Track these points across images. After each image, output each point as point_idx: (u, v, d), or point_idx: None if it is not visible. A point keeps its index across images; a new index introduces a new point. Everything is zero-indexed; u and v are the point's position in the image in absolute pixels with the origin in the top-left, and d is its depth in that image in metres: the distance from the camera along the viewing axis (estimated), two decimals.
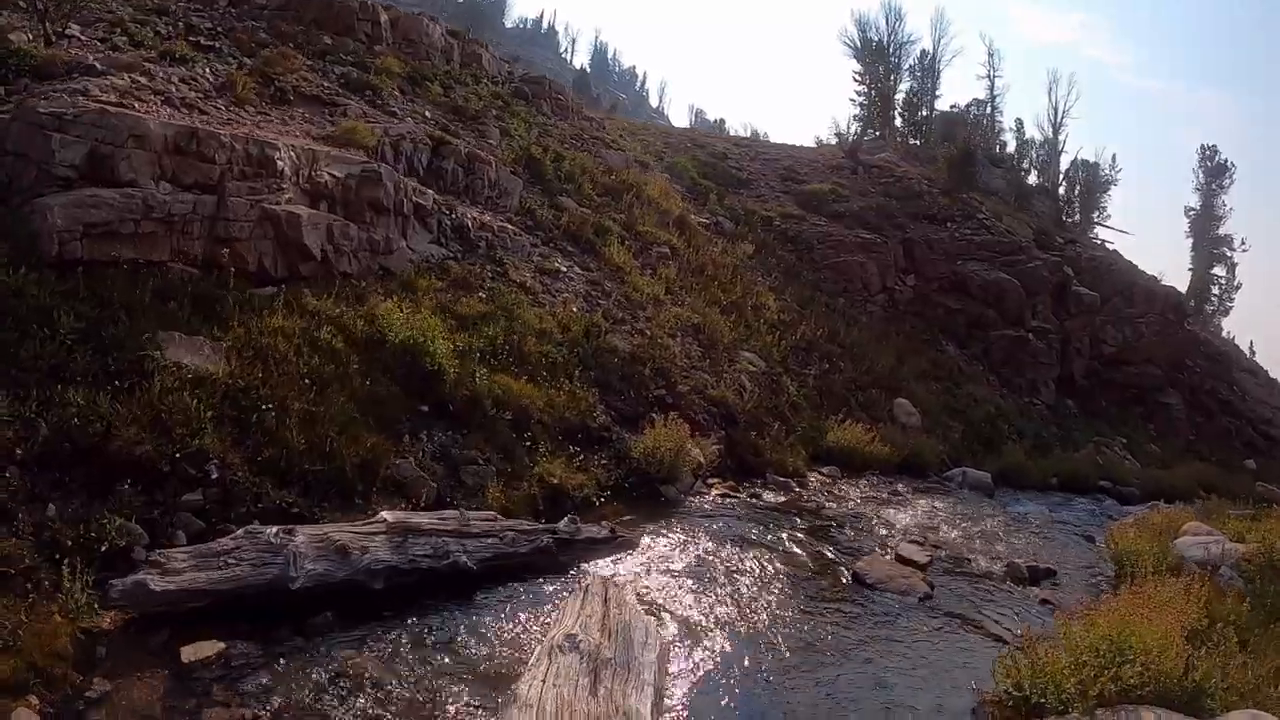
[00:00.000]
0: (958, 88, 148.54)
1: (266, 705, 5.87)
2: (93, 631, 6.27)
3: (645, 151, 31.59)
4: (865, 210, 32.97)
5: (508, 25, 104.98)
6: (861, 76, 53.49)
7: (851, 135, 49.63)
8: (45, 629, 5.98)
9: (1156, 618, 6.55)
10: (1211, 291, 58.96)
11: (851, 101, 54.16)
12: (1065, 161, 54.81)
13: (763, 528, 11.51)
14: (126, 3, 17.42)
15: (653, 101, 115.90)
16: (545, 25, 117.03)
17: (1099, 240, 47.40)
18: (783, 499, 13.67)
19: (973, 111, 57.28)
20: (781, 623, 8.35)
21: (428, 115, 19.11)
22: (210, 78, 14.61)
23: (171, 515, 7.88)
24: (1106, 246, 44.60)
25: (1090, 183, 56.19)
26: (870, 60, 52.92)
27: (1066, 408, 29.95)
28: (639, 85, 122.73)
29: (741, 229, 27.98)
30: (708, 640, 7.74)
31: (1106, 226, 52.60)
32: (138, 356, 8.77)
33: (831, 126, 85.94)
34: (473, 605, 7.71)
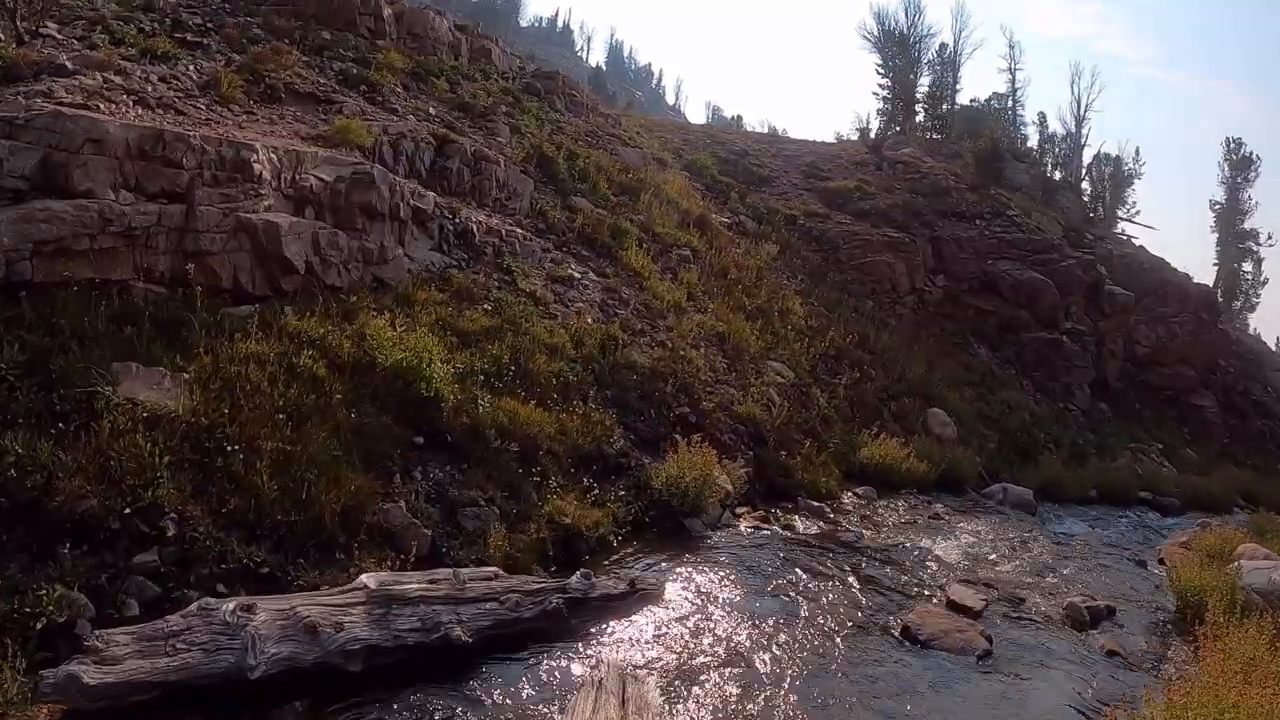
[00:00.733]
0: (976, 82, 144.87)
1: None
2: None
3: (663, 148, 30.29)
4: (892, 208, 31.51)
5: (523, 24, 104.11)
6: (884, 69, 51.85)
7: (874, 130, 48.07)
8: None
9: (1253, 693, 5.99)
10: (1240, 287, 56.93)
11: (874, 95, 52.32)
12: (1088, 156, 52.93)
13: (799, 568, 10.36)
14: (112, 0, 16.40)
15: (669, 99, 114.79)
16: (560, 24, 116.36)
17: (1125, 236, 45.73)
18: (817, 529, 12.55)
19: (993, 105, 55.53)
20: (829, 703, 7.12)
21: (432, 112, 17.93)
22: (194, 75, 13.50)
23: (122, 580, 6.92)
24: (1133, 242, 42.99)
25: (1115, 177, 54.31)
26: (891, 53, 51.22)
27: (1100, 412, 28.53)
28: (655, 82, 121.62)
29: (764, 228, 26.64)
30: None
31: (1132, 222, 50.88)
32: (86, 393, 7.68)
33: (854, 121, 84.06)
34: (465, 690, 6.49)
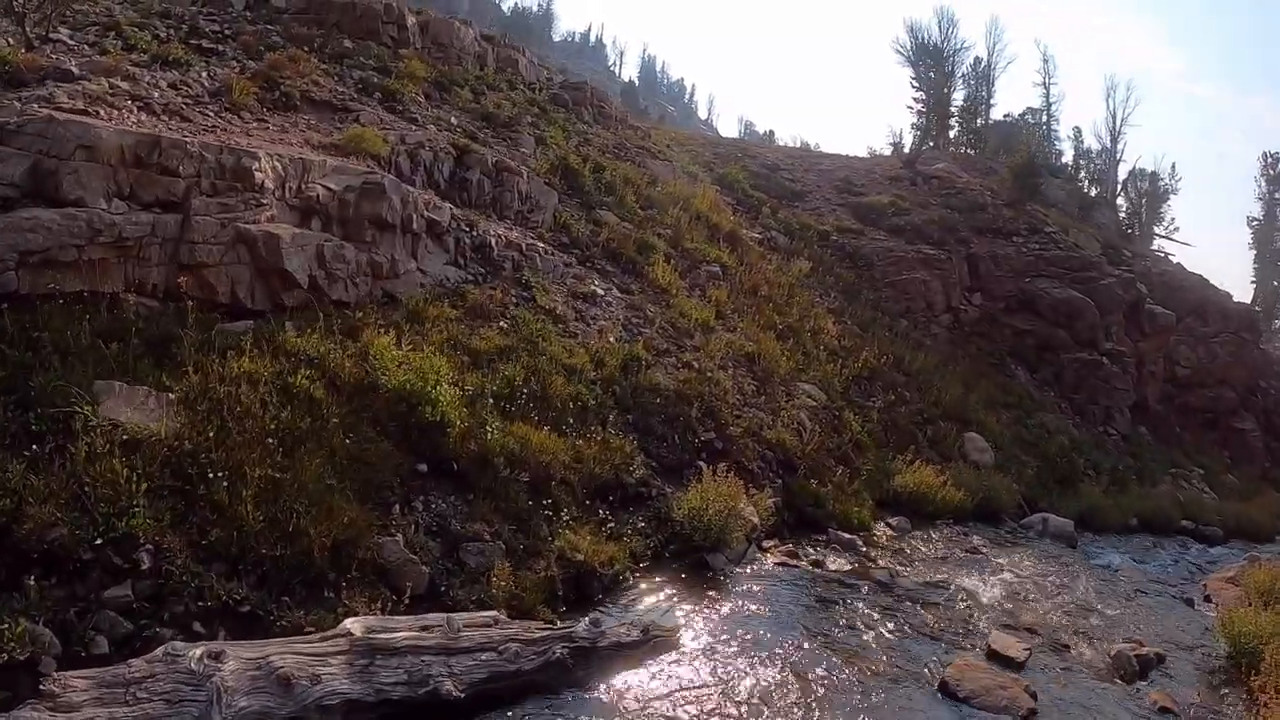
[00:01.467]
0: (1009, 97, 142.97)
1: None
2: None
3: (693, 162, 29.69)
4: (927, 224, 30.65)
5: (555, 39, 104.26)
6: (918, 83, 51.02)
7: (909, 144, 47.14)
8: None
9: None
10: (1278, 305, 55.32)
11: (909, 109, 51.48)
12: (1123, 171, 51.96)
13: (829, 612, 9.64)
14: (130, 6, 16.12)
15: (701, 114, 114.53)
16: (593, 39, 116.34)
17: (1162, 253, 44.52)
18: (849, 565, 11.77)
19: (1027, 120, 54.51)
20: None
21: (453, 122, 17.44)
22: (205, 82, 13.12)
23: (92, 615, 6.42)
24: (1170, 259, 41.74)
25: (1152, 193, 53.06)
26: (925, 65, 50.35)
27: (1140, 436, 27.53)
28: (687, 97, 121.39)
29: (796, 244, 25.88)
30: None
31: (1169, 239, 49.56)
32: (63, 413, 7.16)
33: (888, 135, 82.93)
34: None
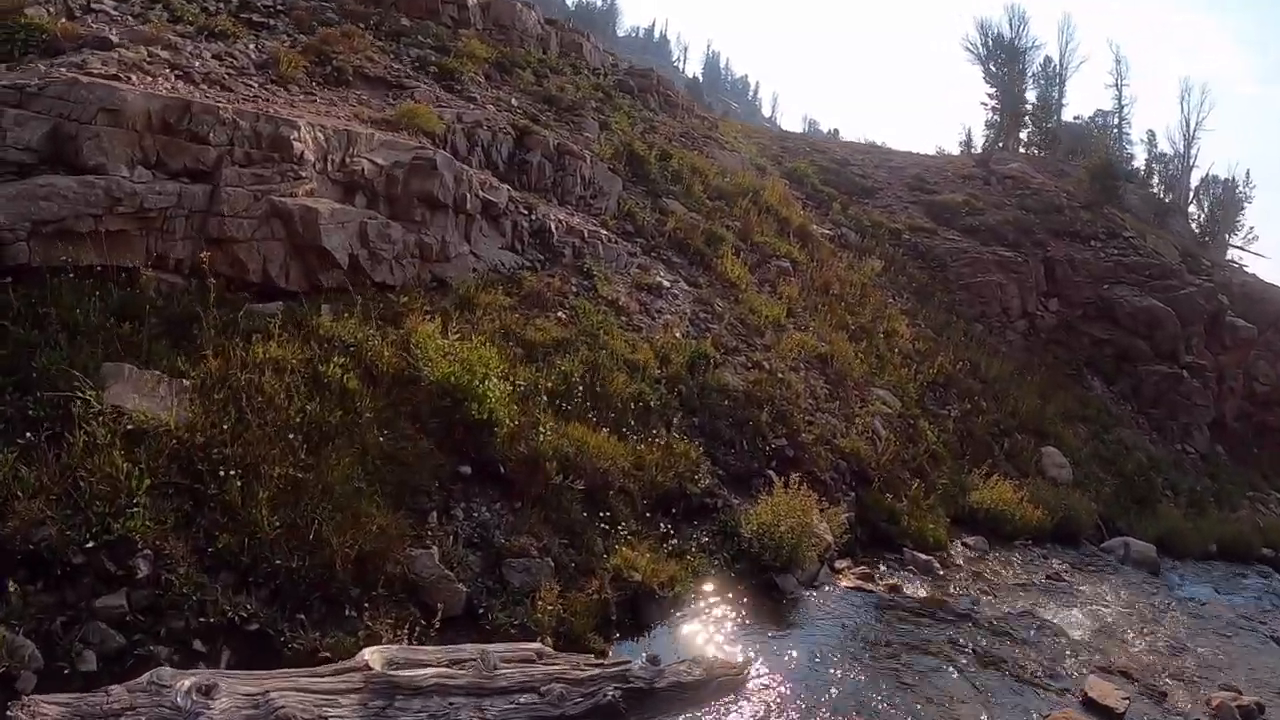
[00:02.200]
0: (1077, 98, 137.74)
1: None
2: None
3: (761, 154, 28.52)
4: (1002, 225, 29.15)
5: (619, 34, 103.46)
6: (991, 79, 49.00)
7: (980, 144, 45.24)
8: None
9: None
10: None
11: (983, 105, 49.35)
12: (1196, 177, 49.63)
13: (907, 646, 8.66)
14: None
15: (765, 111, 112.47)
16: (657, 34, 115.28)
17: (1238, 264, 42.05)
18: (925, 592, 10.68)
19: (1098, 122, 52.25)
20: None
21: (514, 104, 16.56)
22: (252, 54, 12.40)
23: (81, 626, 5.66)
24: (1245, 270, 39.36)
25: (1226, 200, 50.50)
26: (999, 61, 48.33)
27: (1217, 455, 25.66)
28: (751, 94, 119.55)
29: (868, 242, 24.63)
30: None
31: (1244, 249, 46.90)
32: (63, 397, 6.37)
33: (960, 133, 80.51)
34: None
